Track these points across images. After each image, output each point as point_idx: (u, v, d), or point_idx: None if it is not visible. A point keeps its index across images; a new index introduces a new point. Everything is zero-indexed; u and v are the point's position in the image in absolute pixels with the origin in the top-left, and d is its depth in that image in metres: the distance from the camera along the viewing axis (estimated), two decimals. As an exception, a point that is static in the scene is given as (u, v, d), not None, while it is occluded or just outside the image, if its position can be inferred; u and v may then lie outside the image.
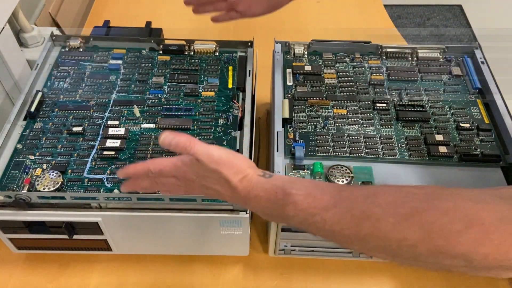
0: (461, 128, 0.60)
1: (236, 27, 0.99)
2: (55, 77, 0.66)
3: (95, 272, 0.61)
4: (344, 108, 0.63)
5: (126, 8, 1.03)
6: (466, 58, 0.68)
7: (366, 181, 0.54)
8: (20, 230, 0.54)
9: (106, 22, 0.83)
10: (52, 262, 0.62)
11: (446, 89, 0.65)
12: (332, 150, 0.58)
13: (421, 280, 0.61)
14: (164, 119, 0.61)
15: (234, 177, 0.42)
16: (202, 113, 0.62)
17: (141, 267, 0.62)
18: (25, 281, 0.60)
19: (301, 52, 0.69)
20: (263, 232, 0.65)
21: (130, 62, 0.68)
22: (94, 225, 0.53)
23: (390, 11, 1.97)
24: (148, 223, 0.54)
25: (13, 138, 0.58)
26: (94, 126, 0.60)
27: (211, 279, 0.61)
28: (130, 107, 0.62)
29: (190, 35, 0.70)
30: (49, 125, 0.60)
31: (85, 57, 0.69)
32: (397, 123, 0.61)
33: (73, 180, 0.54)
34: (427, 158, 0.57)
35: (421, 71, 0.67)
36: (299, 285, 0.61)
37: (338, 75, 0.67)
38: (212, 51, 0.70)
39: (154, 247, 0.60)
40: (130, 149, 0.58)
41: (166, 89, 0.65)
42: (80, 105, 0.62)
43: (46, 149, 0.57)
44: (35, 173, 0.54)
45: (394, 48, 0.69)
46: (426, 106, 0.63)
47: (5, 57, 0.73)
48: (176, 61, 0.69)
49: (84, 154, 0.57)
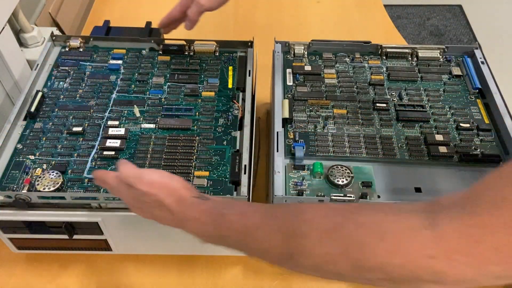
0: (461, 128, 0.60)
1: (236, 27, 0.99)
2: (55, 77, 0.66)
3: (95, 272, 0.61)
4: (344, 108, 0.63)
5: (126, 8, 1.03)
6: (466, 58, 0.68)
7: (366, 181, 0.54)
8: (20, 230, 0.54)
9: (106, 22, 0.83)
10: (52, 262, 0.62)
11: (446, 89, 0.65)
12: (332, 150, 0.58)
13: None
14: (164, 119, 0.61)
15: (167, 198, 0.42)
16: (202, 113, 0.62)
17: (141, 267, 0.62)
18: (25, 281, 0.60)
19: (301, 52, 0.69)
20: (263, 232, 0.65)
21: (130, 62, 0.68)
22: (94, 225, 0.53)
23: (390, 11, 1.97)
24: (148, 223, 0.54)
25: (13, 138, 0.58)
26: (94, 126, 0.60)
27: (211, 279, 0.61)
28: (130, 107, 0.62)
29: (190, 35, 0.70)
30: (49, 125, 0.60)
31: (85, 57, 0.69)
32: (397, 123, 0.61)
33: (73, 180, 0.54)
34: (427, 158, 0.57)
35: (421, 71, 0.67)
36: (299, 285, 0.61)
37: (338, 75, 0.67)
38: (212, 51, 0.70)
39: (154, 247, 0.60)
40: (130, 149, 0.58)
41: (166, 89, 0.65)
42: (80, 105, 0.62)
43: (46, 149, 0.57)
44: (35, 173, 0.54)
45: (394, 48, 0.69)
46: (426, 106, 0.63)
47: (5, 57, 0.73)
48: (176, 61, 0.69)
49: (84, 154, 0.57)
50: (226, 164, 0.56)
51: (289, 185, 0.54)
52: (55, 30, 0.84)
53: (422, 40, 1.82)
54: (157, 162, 0.56)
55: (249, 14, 1.02)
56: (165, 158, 0.56)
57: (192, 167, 0.56)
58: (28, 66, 0.79)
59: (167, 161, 0.56)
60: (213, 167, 0.56)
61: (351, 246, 0.32)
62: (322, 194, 0.53)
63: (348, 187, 0.54)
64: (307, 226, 0.35)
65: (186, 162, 0.56)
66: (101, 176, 0.46)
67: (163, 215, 0.43)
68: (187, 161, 0.56)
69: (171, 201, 0.42)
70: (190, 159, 0.57)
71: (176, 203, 0.42)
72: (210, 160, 0.57)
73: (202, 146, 0.58)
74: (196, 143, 0.58)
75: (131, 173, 0.43)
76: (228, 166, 0.56)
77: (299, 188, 0.54)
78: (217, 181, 0.55)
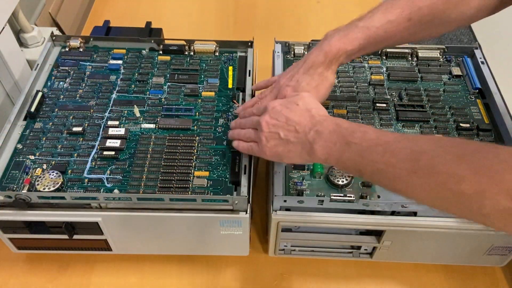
0: (461, 128, 0.60)
1: (236, 27, 0.99)
2: (55, 77, 0.66)
3: (95, 272, 0.61)
4: (344, 108, 0.63)
5: (126, 8, 1.03)
6: (466, 58, 0.68)
7: (366, 181, 0.54)
8: (20, 230, 0.54)
9: (106, 22, 0.83)
10: (52, 262, 0.62)
11: (446, 89, 0.65)
12: (332, 150, 0.57)
13: (421, 280, 0.61)
14: (164, 119, 0.61)
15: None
16: (202, 113, 0.62)
17: (141, 267, 0.62)
18: (25, 281, 0.60)
19: (301, 52, 0.69)
20: (263, 232, 0.65)
21: (130, 62, 0.68)
22: (94, 225, 0.53)
23: (390, 11, 1.96)
24: (148, 223, 0.54)
25: (13, 138, 0.58)
26: (94, 126, 0.60)
27: (211, 279, 0.61)
28: (130, 107, 0.62)
29: (190, 35, 0.70)
30: (49, 125, 0.60)
31: (85, 57, 0.69)
32: (397, 123, 0.61)
33: (73, 180, 0.54)
34: (427, 158, 0.57)
35: (421, 71, 0.67)
36: (299, 285, 0.61)
37: (338, 75, 0.67)
38: (212, 51, 0.70)
39: (154, 247, 0.60)
40: (130, 149, 0.58)
41: (166, 89, 0.65)
42: (80, 105, 0.62)
43: (46, 149, 0.57)
44: (35, 173, 0.54)
45: (394, 48, 0.69)
46: (426, 106, 0.63)
47: (5, 57, 0.73)
48: (176, 61, 0.69)
49: (84, 154, 0.57)
50: (226, 164, 0.56)
51: (289, 185, 0.54)
52: (55, 30, 0.84)
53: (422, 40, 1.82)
54: (157, 162, 0.56)
55: (249, 14, 1.02)
56: (165, 158, 0.56)
57: (192, 167, 0.56)
58: (28, 66, 0.80)
59: (167, 161, 0.56)
60: (213, 167, 0.56)
61: (481, 171, 0.33)
62: (322, 194, 0.53)
63: (348, 187, 0.54)
64: (442, 149, 0.37)
65: (186, 162, 0.56)
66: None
67: (303, 122, 0.45)
68: (187, 161, 0.56)
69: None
70: (190, 159, 0.57)
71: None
72: (210, 160, 0.57)
73: (202, 146, 0.58)
74: (196, 143, 0.58)
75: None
76: (228, 166, 0.56)
77: (299, 188, 0.54)
78: (217, 181, 0.55)
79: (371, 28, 0.51)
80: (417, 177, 0.37)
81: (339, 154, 0.42)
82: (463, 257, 0.58)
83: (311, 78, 0.53)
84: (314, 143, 0.44)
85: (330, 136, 0.43)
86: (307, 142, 0.44)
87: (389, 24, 0.51)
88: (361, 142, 0.41)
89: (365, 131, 0.41)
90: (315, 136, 0.44)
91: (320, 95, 0.53)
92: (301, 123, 0.45)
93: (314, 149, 0.44)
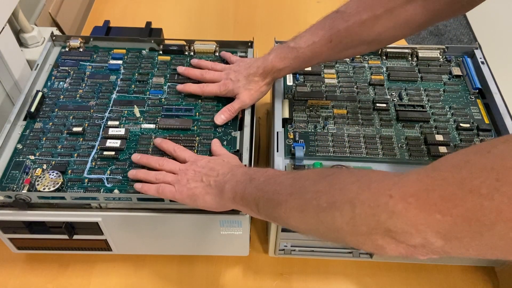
0: (461, 128, 0.60)
1: (236, 27, 0.99)
2: (55, 77, 0.66)
3: (95, 272, 0.61)
4: (344, 108, 0.63)
5: (126, 8, 1.03)
6: (466, 58, 0.68)
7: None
8: (20, 230, 0.54)
9: (106, 22, 0.83)
10: (52, 262, 0.62)
11: (446, 89, 0.65)
12: (332, 150, 0.58)
13: (421, 280, 0.61)
14: (164, 119, 0.61)
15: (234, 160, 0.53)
16: (202, 113, 0.62)
17: (141, 267, 0.62)
18: (25, 281, 0.60)
19: (301, 52, 0.69)
20: (263, 232, 0.65)
21: (130, 62, 0.68)
22: (94, 225, 0.53)
23: (390, 11, 1.96)
24: (148, 223, 0.54)
25: (13, 138, 0.58)
26: (94, 126, 0.60)
27: (211, 279, 0.61)
28: (130, 107, 0.62)
29: (190, 35, 0.70)
30: (49, 125, 0.60)
31: (85, 57, 0.69)
32: (397, 123, 0.61)
33: (73, 180, 0.54)
34: (427, 158, 0.57)
35: (421, 71, 0.67)
36: (299, 285, 0.61)
37: (338, 75, 0.67)
38: (212, 51, 0.70)
39: (154, 247, 0.60)
40: (130, 149, 0.58)
41: (166, 89, 0.65)
42: (80, 105, 0.62)
43: (46, 149, 0.57)
44: (35, 173, 0.54)
45: (394, 48, 0.69)
46: (426, 106, 0.63)
47: (5, 57, 0.73)
48: (176, 61, 0.69)
49: (84, 154, 0.57)
50: (226, 164, 0.56)
51: (289, 185, 0.54)
52: (55, 30, 0.84)
53: (422, 40, 1.81)
54: (157, 162, 0.56)
55: (249, 14, 1.02)
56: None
57: (192, 167, 0.56)
58: (28, 66, 0.79)
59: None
60: (213, 167, 0.56)
61: (334, 185, 0.37)
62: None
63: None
64: (314, 174, 0.41)
65: (186, 162, 0.56)
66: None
67: (223, 170, 0.49)
68: (187, 161, 0.56)
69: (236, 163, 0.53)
70: (190, 159, 0.56)
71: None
72: (210, 160, 0.57)
73: (202, 146, 0.58)
74: (196, 143, 0.58)
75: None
76: (228, 166, 0.56)
77: (299, 188, 0.54)
78: (217, 181, 0.55)
79: (299, 49, 0.56)
80: (293, 198, 0.39)
81: (243, 190, 0.45)
82: (463, 257, 0.58)
83: (248, 83, 0.60)
84: (226, 183, 0.47)
85: (241, 177, 0.46)
86: (222, 183, 0.47)
87: (314, 45, 0.55)
88: (259, 177, 0.44)
89: (267, 170, 0.46)
90: (230, 177, 0.47)
91: (252, 98, 0.60)
92: (222, 170, 0.49)
93: (224, 189, 0.47)
